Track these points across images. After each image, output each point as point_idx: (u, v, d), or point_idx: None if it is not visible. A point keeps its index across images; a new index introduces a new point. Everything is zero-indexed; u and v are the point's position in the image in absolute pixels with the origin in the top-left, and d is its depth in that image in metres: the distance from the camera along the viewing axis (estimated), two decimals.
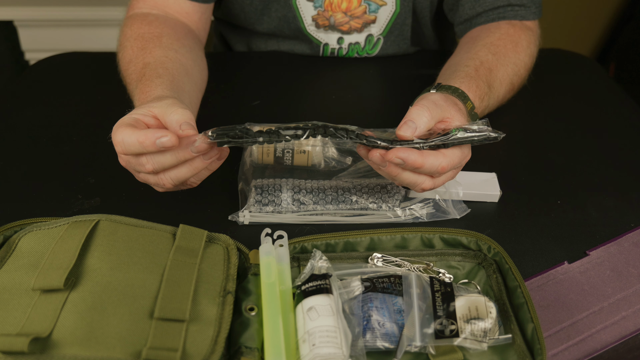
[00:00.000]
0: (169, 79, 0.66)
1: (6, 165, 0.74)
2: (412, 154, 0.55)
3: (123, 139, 0.54)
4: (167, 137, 0.53)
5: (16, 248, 0.54)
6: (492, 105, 0.76)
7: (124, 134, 0.54)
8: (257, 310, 0.52)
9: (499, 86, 0.75)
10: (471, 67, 0.73)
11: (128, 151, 0.54)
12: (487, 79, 0.73)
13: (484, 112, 0.74)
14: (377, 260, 0.59)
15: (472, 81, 0.70)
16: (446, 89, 0.66)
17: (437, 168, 0.56)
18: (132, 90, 0.69)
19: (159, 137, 0.53)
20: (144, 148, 0.53)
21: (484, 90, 0.71)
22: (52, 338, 0.44)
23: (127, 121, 0.56)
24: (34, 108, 0.85)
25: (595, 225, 0.67)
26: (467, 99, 0.66)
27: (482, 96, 0.70)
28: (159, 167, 0.56)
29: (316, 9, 0.91)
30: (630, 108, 0.90)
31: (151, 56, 0.71)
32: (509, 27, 0.83)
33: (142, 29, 0.77)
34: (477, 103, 0.69)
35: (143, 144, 0.53)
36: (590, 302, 0.58)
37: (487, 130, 0.57)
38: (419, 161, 0.55)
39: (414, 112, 0.57)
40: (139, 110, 0.57)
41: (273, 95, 0.89)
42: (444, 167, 0.57)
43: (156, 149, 0.53)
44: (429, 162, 0.56)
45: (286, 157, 0.69)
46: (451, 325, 0.50)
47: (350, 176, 0.70)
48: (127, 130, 0.54)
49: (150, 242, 0.55)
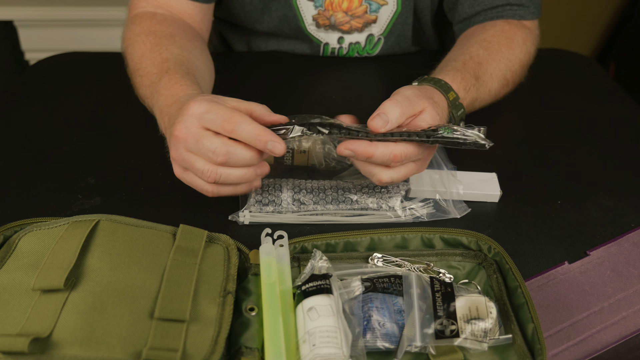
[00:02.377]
0: (195, 81, 0.67)
1: (6, 165, 0.74)
2: (360, 144, 0.56)
3: (241, 122, 0.53)
4: (281, 145, 0.54)
5: (16, 248, 0.54)
6: (483, 98, 0.76)
7: (241, 118, 0.54)
8: (257, 310, 0.52)
9: (489, 80, 0.75)
10: (459, 61, 0.74)
11: (236, 135, 0.54)
12: (475, 72, 0.73)
13: (473, 104, 0.74)
14: (378, 260, 0.59)
15: (457, 73, 0.70)
16: (428, 81, 0.67)
17: (389, 156, 0.57)
18: (152, 82, 0.68)
19: (274, 139, 0.54)
20: (256, 141, 0.54)
21: (470, 82, 0.71)
22: (52, 338, 0.44)
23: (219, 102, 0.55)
24: (34, 108, 0.85)
25: (596, 225, 0.67)
26: (450, 89, 0.66)
27: (467, 87, 0.70)
28: (233, 162, 0.55)
29: (317, 8, 0.91)
30: (630, 108, 0.90)
31: (169, 52, 0.71)
32: (504, 24, 0.83)
33: (153, 26, 0.77)
34: (462, 93, 0.69)
35: (259, 137, 0.53)
36: (590, 302, 0.58)
37: (475, 135, 0.57)
38: (369, 151, 0.56)
39: (387, 105, 0.57)
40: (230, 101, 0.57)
41: (273, 95, 0.89)
42: (396, 155, 0.57)
43: (262, 148, 0.54)
44: (379, 151, 0.56)
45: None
46: (451, 325, 0.50)
47: (351, 176, 0.70)
48: (245, 116, 0.54)
49: (150, 242, 0.55)
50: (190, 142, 0.55)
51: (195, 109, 0.55)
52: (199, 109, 0.54)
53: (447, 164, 0.72)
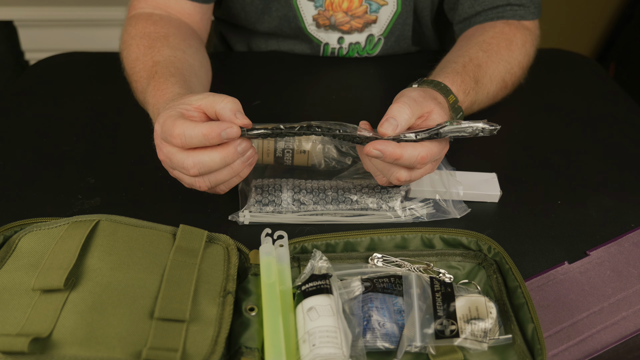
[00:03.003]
0: (182, 79, 0.66)
1: (6, 165, 0.74)
2: (389, 145, 0.55)
3: (184, 131, 0.52)
4: (233, 129, 0.52)
5: (16, 248, 0.54)
6: (482, 101, 0.76)
7: (185, 126, 0.52)
8: (257, 310, 0.52)
9: (488, 82, 0.75)
10: (459, 63, 0.73)
11: (188, 144, 0.53)
12: (475, 74, 0.73)
13: (471, 107, 0.74)
14: (377, 260, 0.59)
15: (457, 76, 0.70)
16: (428, 83, 0.67)
17: (417, 158, 0.56)
18: (143, 88, 0.68)
19: (224, 128, 0.52)
20: (207, 141, 0.52)
21: (470, 85, 0.71)
22: (52, 338, 0.44)
23: (176, 114, 0.54)
24: (34, 108, 0.85)
25: (595, 225, 0.67)
26: (450, 93, 0.66)
27: (467, 90, 0.70)
28: (205, 171, 0.54)
29: (317, 8, 0.91)
30: (630, 108, 0.90)
31: (160, 55, 0.71)
32: (504, 25, 0.83)
33: (147, 28, 0.77)
34: (462, 97, 0.69)
35: (208, 136, 0.52)
36: (590, 303, 0.58)
37: (481, 122, 0.57)
38: (397, 152, 0.55)
39: (395, 109, 0.57)
40: (179, 105, 0.56)
41: (273, 95, 0.89)
42: (424, 156, 0.57)
43: (220, 140, 0.52)
44: (407, 153, 0.56)
45: (286, 157, 0.69)
46: (451, 325, 0.50)
47: (351, 176, 0.70)
48: (188, 123, 0.53)
49: (150, 242, 0.55)
50: (167, 162, 0.57)
51: (157, 129, 0.55)
52: (158, 129, 0.55)
53: (446, 165, 0.72)
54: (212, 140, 0.52)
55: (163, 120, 0.54)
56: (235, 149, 0.54)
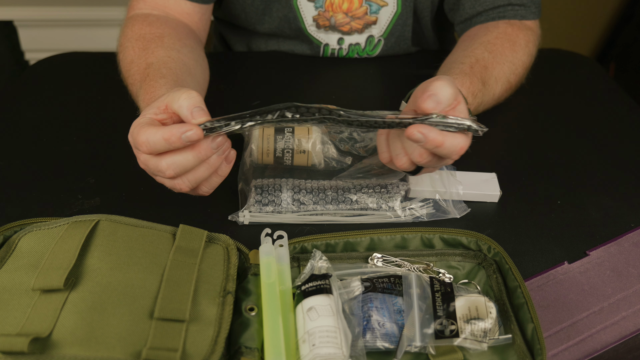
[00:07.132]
0: (173, 79, 0.66)
1: (6, 165, 0.74)
2: (432, 131, 0.53)
3: (148, 138, 0.52)
4: (192, 131, 0.51)
5: (16, 248, 0.54)
6: (487, 102, 0.76)
7: (148, 133, 0.52)
8: (257, 310, 0.52)
9: (494, 84, 0.75)
10: (466, 64, 0.73)
11: (154, 150, 0.52)
12: (482, 76, 0.72)
13: (478, 109, 0.74)
14: (377, 260, 0.59)
15: (465, 77, 0.69)
16: None
17: (457, 148, 0.54)
18: (137, 91, 0.68)
19: (183, 131, 0.51)
20: (170, 145, 0.51)
21: (478, 87, 0.71)
22: (52, 338, 0.44)
23: (144, 121, 0.54)
24: (34, 108, 0.85)
25: (595, 225, 0.67)
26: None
27: (475, 93, 0.70)
28: (180, 170, 0.54)
29: (317, 9, 0.91)
30: (630, 108, 0.90)
31: (154, 56, 0.71)
32: (507, 26, 0.83)
33: (143, 29, 0.76)
34: (470, 99, 0.68)
35: (169, 141, 0.51)
36: (590, 302, 0.58)
37: (469, 120, 0.54)
38: (439, 139, 0.53)
39: (437, 85, 0.54)
40: (149, 110, 0.56)
41: (273, 95, 0.89)
42: (463, 147, 0.55)
43: (182, 144, 0.51)
44: (448, 142, 0.54)
45: (286, 157, 0.69)
46: (451, 325, 0.50)
47: (350, 176, 0.70)
48: (151, 129, 0.52)
49: (150, 242, 0.55)
50: (147, 169, 0.56)
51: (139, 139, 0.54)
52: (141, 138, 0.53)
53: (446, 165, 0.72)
54: (175, 144, 0.51)
55: (132, 129, 0.54)
56: (207, 145, 0.53)
